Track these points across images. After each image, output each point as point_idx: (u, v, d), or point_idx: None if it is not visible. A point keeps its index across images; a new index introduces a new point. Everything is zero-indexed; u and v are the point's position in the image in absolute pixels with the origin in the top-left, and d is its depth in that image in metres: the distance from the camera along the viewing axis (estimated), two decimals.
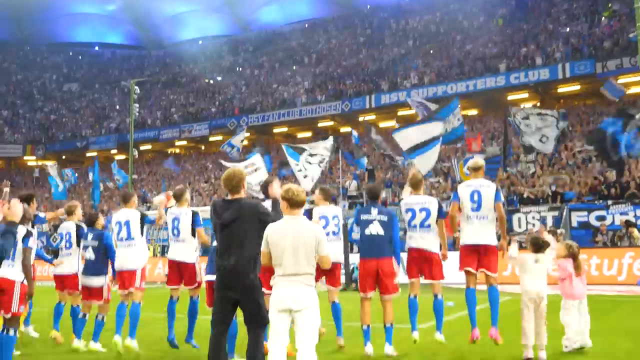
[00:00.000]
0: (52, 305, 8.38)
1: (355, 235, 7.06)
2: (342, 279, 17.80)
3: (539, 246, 6.67)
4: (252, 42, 58.01)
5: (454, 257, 7.08)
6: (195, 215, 7.37)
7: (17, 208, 4.32)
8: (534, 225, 20.43)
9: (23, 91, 58.22)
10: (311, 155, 20.00)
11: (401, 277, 6.98)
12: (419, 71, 37.55)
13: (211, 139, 44.98)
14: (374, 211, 6.89)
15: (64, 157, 50.06)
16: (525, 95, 34.20)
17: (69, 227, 8.02)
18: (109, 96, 54.94)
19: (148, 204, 31.38)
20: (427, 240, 6.92)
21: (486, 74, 33.66)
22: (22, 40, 63.99)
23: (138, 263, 7.42)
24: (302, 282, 4.62)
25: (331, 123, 41.25)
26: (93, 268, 7.62)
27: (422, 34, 43.63)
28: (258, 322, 5.05)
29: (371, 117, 39.61)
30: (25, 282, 6.11)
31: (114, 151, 48.26)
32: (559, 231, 19.00)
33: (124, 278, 7.35)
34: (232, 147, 23.44)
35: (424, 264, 6.94)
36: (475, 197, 6.69)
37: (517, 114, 19.09)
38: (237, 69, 52.95)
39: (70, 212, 8.02)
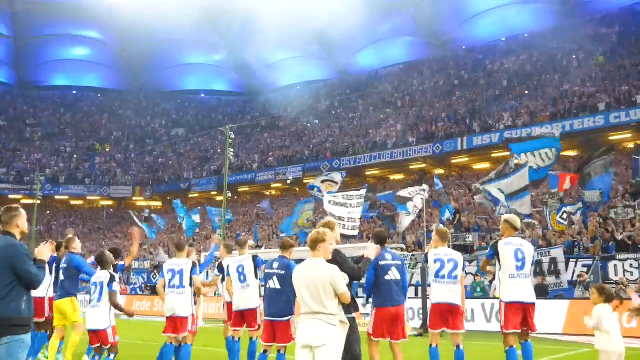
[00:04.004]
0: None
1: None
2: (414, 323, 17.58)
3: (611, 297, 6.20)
4: (348, 85, 59.30)
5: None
6: (255, 258, 7.69)
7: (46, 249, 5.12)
8: (632, 273, 19.17)
9: (136, 136, 62.76)
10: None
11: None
12: (512, 112, 36.64)
13: (305, 181, 46.00)
14: (389, 256, 6.89)
15: (168, 197, 52.98)
16: (628, 135, 32.36)
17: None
18: (211, 140, 57.89)
19: (234, 247, 32.49)
20: (454, 292, 6.99)
21: (584, 114, 32.27)
22: (137, 89, 69.37)
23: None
24: (322, 320, 4.93)
25: (423, 165, 40.97)
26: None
27: (517, 74, 42.65)
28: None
29: (463, 159, 39.02)
30: (114, 323, 7.34)
31: (214, 192, 50.53)
32: None
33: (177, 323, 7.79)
34: (312, 188, 24.03)
35: (449, 316, 7.01)
36: (520, 256, 6.67)
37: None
38: (333, 112, 54.23)
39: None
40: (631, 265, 19.20)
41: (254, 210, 44.82)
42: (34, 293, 9.09)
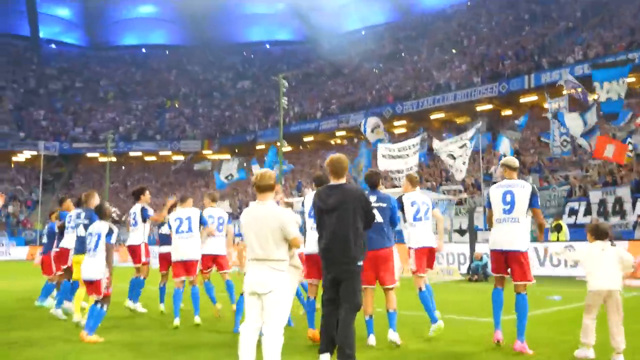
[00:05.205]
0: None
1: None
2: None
3: (603, 234, 5.88)
4: (413, 27, 57.26)
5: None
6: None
7: None
8: None
9: (203, 91, 63.66)
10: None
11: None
12: (584, 45, 34.08)
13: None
14: (372, 198, 6.43)
15: (236, 150, 53.81)
16: None
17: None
18: (275, 91, 57.75)
19: (300, 194, 32.64)
20: (429, 233, 7.26)
21: None
22: (203, 44, 69.93)
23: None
24: (269, 267, 4.71)
25: (489, 106, 39.17)
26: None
27: (593, 4, 39.52)
28: (349, 305, 5.23)
29: (532, 97, 36.94)
30: (108, 274, 7.20)
31: (279, 143, 50.65)
32: None
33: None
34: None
35: (429, 258, 7.28)
36: (508, 199, 6.23)
37: None
38: (397, 55, 52.59)
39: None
40: None
41: (317, 160, 44.72)
42: (130, 241, 9.55)
